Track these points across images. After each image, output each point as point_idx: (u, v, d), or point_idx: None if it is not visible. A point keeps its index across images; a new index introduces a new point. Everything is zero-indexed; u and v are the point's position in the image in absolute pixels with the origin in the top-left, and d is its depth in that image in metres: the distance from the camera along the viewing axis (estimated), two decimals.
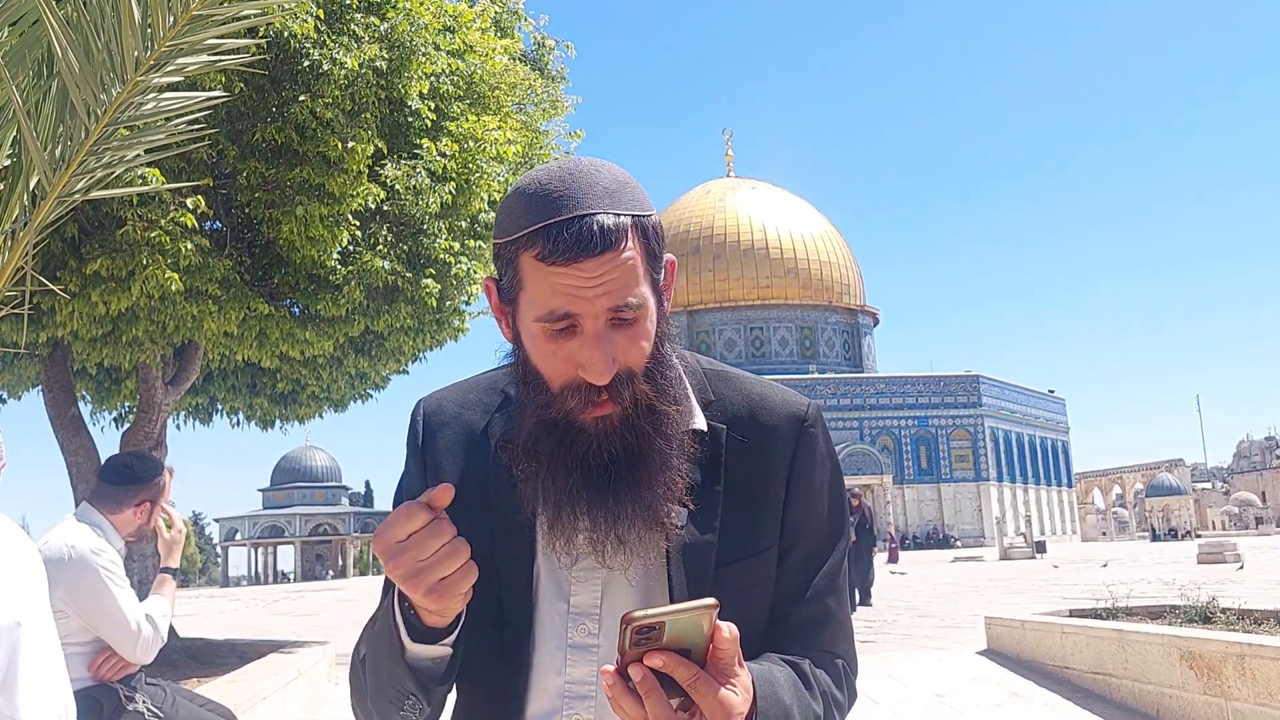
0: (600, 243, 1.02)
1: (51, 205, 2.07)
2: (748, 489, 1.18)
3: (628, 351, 1.07)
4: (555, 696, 1.15)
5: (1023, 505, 60.16)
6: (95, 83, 1.97)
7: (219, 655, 8.63)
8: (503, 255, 1.10)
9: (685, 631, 0.92)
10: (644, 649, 0.91)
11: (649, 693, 0.91)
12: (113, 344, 7.76)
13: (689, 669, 0.92)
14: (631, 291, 1.05)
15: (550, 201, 1.05)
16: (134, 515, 3.24)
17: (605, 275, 1.03)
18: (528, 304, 1.07)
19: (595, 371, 1.04)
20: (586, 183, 1.06)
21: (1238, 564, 20.65)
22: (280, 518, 70.51)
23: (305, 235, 7.25)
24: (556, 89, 10.49)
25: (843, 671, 1.21)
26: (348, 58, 6.84)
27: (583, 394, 1.07)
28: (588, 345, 1.05)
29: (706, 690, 0.92)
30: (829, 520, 1.23)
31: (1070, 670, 7.04)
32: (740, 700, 0.95)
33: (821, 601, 1.20)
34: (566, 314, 1.04)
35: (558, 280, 1.03)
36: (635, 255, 1.06)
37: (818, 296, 63.34)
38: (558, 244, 1.02)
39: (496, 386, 1.26)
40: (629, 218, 1.06)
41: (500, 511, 1.18)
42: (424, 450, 1.26)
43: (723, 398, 1.22)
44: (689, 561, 1.14)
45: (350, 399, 11.20)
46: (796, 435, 1.21)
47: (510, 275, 1.09)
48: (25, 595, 1.13)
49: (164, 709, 3.22)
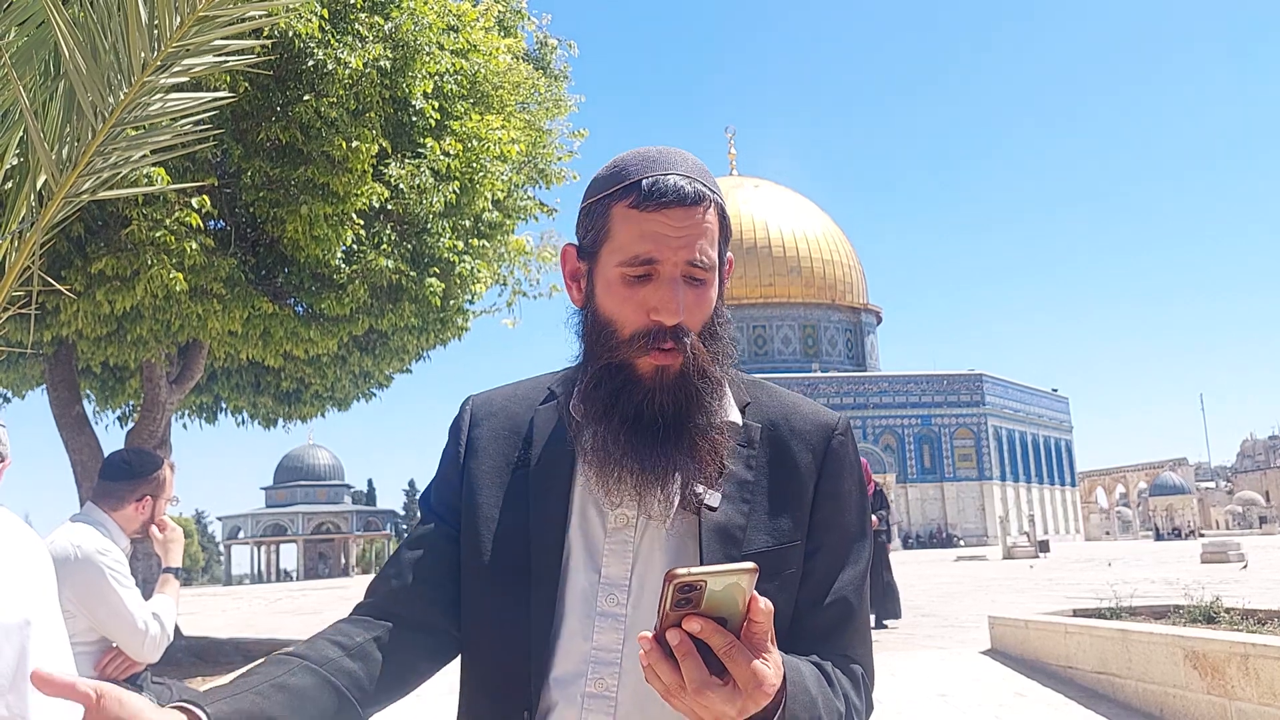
0: (690, 196, 1.15)
1: (58, 205, 2.08)
2: (779, 486, 1.23)
3: (693, 308, 1.17)
4: (580, 661, 1.17)
5: (1026, 504, 60.12)
6: (102, 83, 1.97)
7: (223, 654, 8.64)
8: (592, 212, 1.21)
9: (724, 599, 0.93)
10: (682, 612, 0.93)
11: (685, 656, 0.93)
12: (117, 343, 7.78)
13: (725, 636, 0.94)
14: (706, 250, 1.17)
15: (647, 163, 1.19)
16: (135, 511, 3.24)
17: (688, 228, 1.15)
18: (611, 251, 1.18)
19: (669, 311, 1.14)
20: (679, 157, 1.21)
21: (1240, 564, 20.63)
22: (283, 516, 70.60)
23: (309, 234, 7.27)
24: (559, 88, 10.49)
25: (860, 679, 1.22)
26: (352, 57, 6.85)
27: (651, 337, 1.15)
28: (663, 288, 1.15)
29: (741, 659, 0.94)
30: (853, 527, 1.27)
31: (1074, 670, 7.03)
32: (773, 673, 0.96)
33: (842, 606, 1.22)
34: (650, 259, 1.15)
35: (645, 225, 1.15)
36: (714, 224, 1.19)
37: (820, 295, 63.32)
38: (653, 191, 1.14)
39: (543, 385, 1.34)
40: (711, 193, 1.19)
41: (537, 486, 1.24)
42: (468, 436, 1.32)
43: (758, 401, 1.30)
44: (721, 543, 1.18)
45: (354, 397, 11.22)
46: (827, 442, 1.27)
47: (598, 228, 1.20)
48: (34, 593, 1.13)
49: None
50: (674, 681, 0.93)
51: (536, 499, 1.23)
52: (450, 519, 1.28)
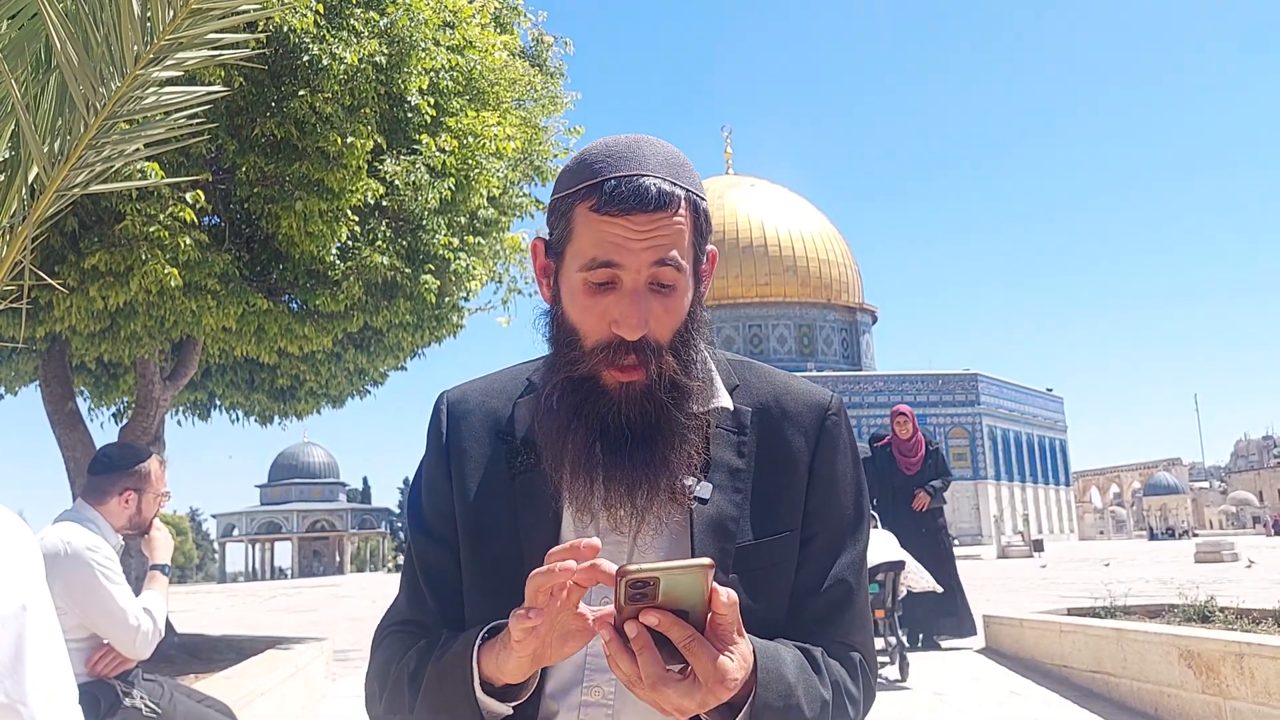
0: (655, 201, 1.07)
1: (50, 199, 2.06)
2: (771, 472, 1.19)
3: (660, 319, 1.10)
4: (576, 669, 1.15)
5: (1020, 504, 60.21)
6: (94, 76, 1.96)
7: (216, 651, 8.62)
8: (557, 209, 1.14)
9: (683, 592, 0.91)
10: (639, 605, 0.91)
11: (642, 649, 0.91)
12: (111, 339, 7.75)
13: (684, 629, 0.92)
14: (672, 256, 1.09)
15: (613, 159, 1.10)
16: (120, 505, 3.22)
17: (653, 233, 1.07)
18: (574, 254, 1.11)
19: (629, 325, 1.07)
20: (649, 150, 1.11)
21: (1241, 562, 20.68)
22: (278, 514, 70.53)
23: (304, 230, 7.24)
24: (556, 85, 10.46)
25: (859, 666, 1.19)
26: (347, 53, 6.83)
27: (612, 351, 1.10)
28: (625, 300, 1.08)
29: (701, 653, 0.92)
30: (850, 510, 1.23)
31: (1069, 669, 7.04)
32: (736, 667, 0.94)
33: (839, 591, 1.19)
34: (609, 262, 1.07)
35: (607, 229, 1.07)
36: (685, 225, 1.10)
37: (816, 294, 63.35)
38: (614, 196, 1.06)
39: (520, 376, 1.28)
40: (684, 190, 1.10)
41: (525, 487, 1.19)
42: (447, 439, 1.26)
43: (748, 383, 1.24)
44: (713, 536, 1.14)
45: (348, 395, 11.18)
46: (820, 423, 1.22)
47: (561, 228, 1.13)
48: (29, 580, 1.13)
49: (161, 705, 3.21)
50: (633, 673, 0.92)
51: (524, 506, 1.18)
52: (448, 531, 1.24)
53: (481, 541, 1.20)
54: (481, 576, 1.20)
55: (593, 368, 1.11)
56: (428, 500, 1.27)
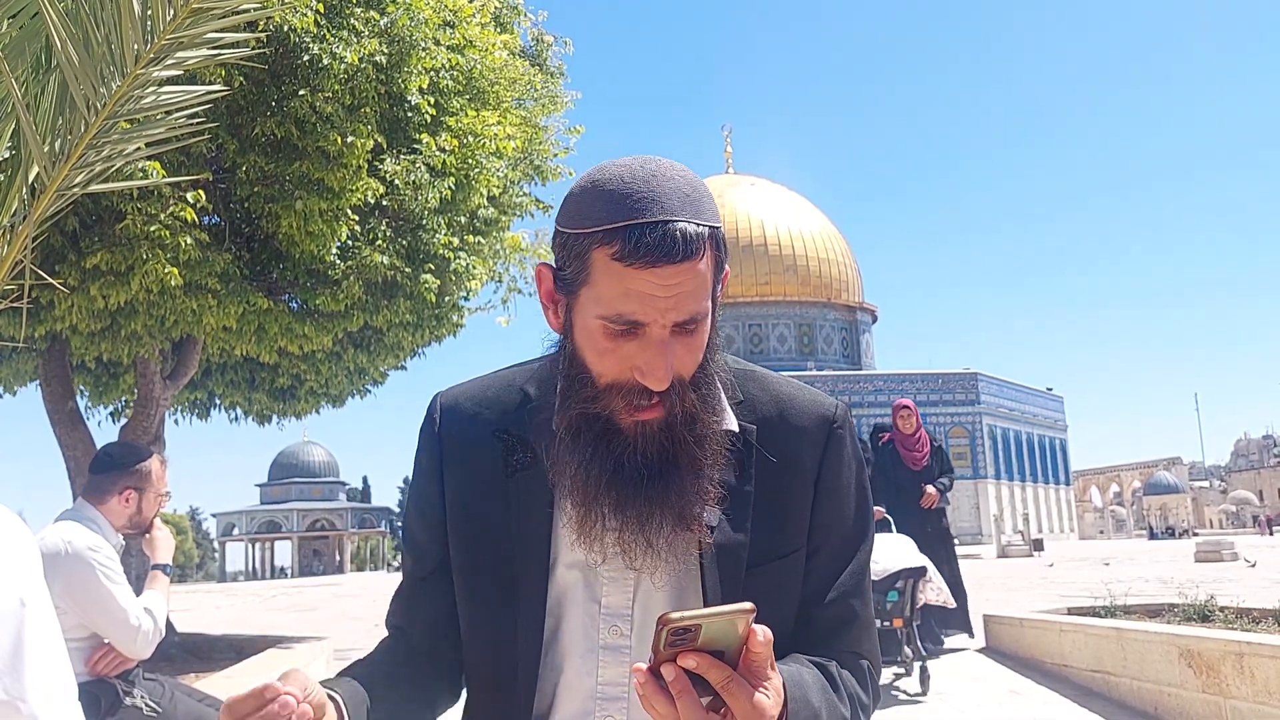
0: (683, 251, 1.01)
1: (51, 199, 2.06)
2: (777, 490, 1.17)
3: (683, 360, 1.07)
4: (587, 698, 1.14)
5: (1020, 503, 60.21)
6: (95, 76, 1.96)
7: (217, 650, 8.62)
8: (571, 247, 1.07)
9: (720, 634, 0.91)
10: (678, 649, 0.90)
11: (681, 693, 0.90)
12: (111, 338, 7.75)
13: (722, 670, 0.91)
14: (700, 305, 1.05)
15: (634, 201, 1.02)
16: (120, 504, 3.22)
17: (680, 285, 1.02)
18: (593, 300, 1.05)
19: (655, 378, 1.04)
20: (669, 186, 1.04)
21: (1241, 561, 20.67)
22: (278, 513, 70.59)
23: (304, 230, 7.24)
24: (556, 84, 10.46)
25: (867, 672, 1.20)
26: (347, 52, 6.83)
27: (632, 396, 1.06)
28: (650, 350, 1.04)
29: (739, 693, 0.92)
30: (854, 522, 1.23)
31: (1069, 668, 7.04)
32: (772, 704, 0.94)
33: (846, 603, 1.19)
34: (635, 320, 1.03)
35: (631, 284, 1.01)
36: (708, 267, 1.05)
37: (816, 294, 63.35)
38: (639, 246, 1.00)
39: (515, 384, 1.25)
40: (707, 229, 1.04)
41: (520, 486, 1.18)
42: (441, 447, 1.24)
43: (752, 398, 1.22)
44: (722, 562, 1.13)
45: (348, 394, 11.18)
46: (826, 436, 1.21)
47: (577, 268, 1.06)
48: (27, 577, 1.13)
49: (162, 704, 3.21)
50: (670, 716, 0.91)
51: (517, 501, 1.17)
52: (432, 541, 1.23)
53: (473, 543, 1.19)
54: (473, 577, 1.19)
55: (608, 407, 1.08)
56: (415, 508, 1.26)
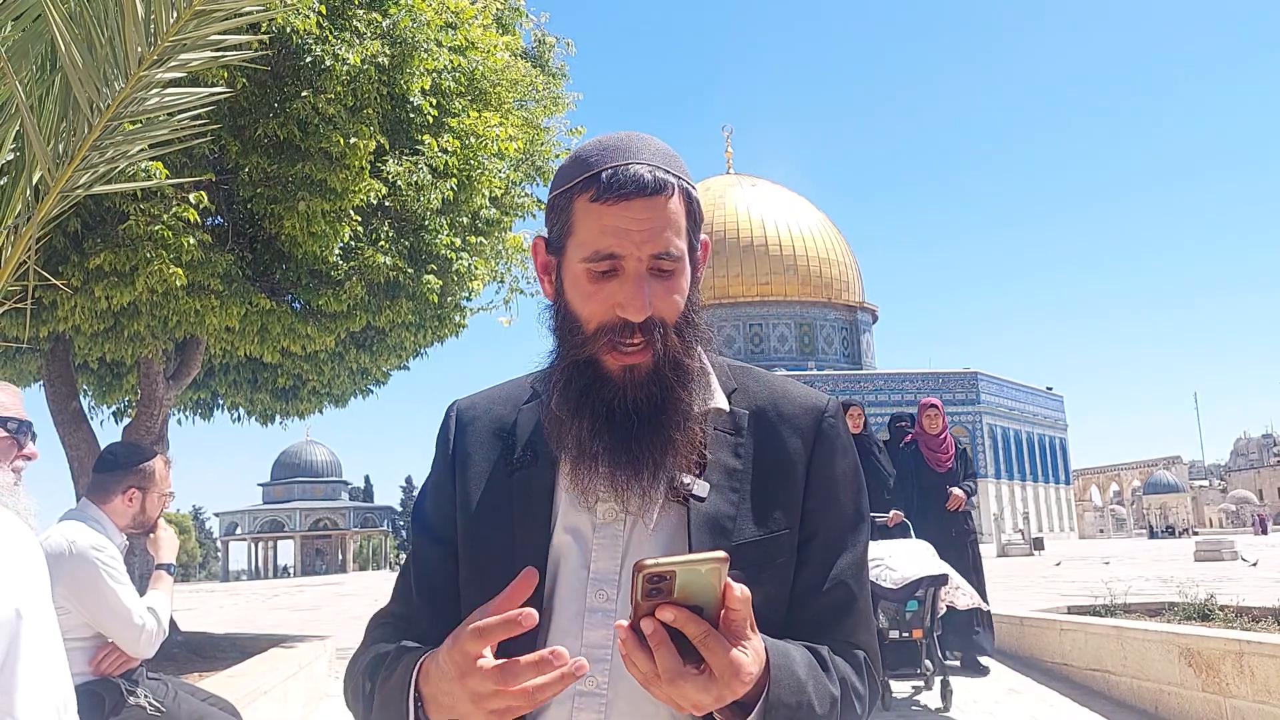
0: (651, 186, 1.11)
1: (54, 200, 2.07)
2: (768, 474, 1.21)
3: (663, 300, 1.14)
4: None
5: (1020, 502, 60.15)
6: (98, 78, 1.97)
7: (220, 650, 8.63)
8: (556, 205, 1.18)
9: (697, 588, 0.93)
10: (656, 601, 0.92)
11: (659, 645, 0.92)
12: (114, 338, 7.76)
13: (699, 625, 0.93)
14: (673, 241, 1.14)
15: (607, 152, 1.15)
16: (124, 504, 3.23)
17: (651, 219, 1.12)
18: (575, 247, 1.15)
19: (634, 308, 1.11)
20: (641, 143, 1.17)
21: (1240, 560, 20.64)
22: (280, 512, 70.63)
23: (307, 231, 7.25)
24: (557, 85, 10.47)
25: (864, 663, 1.21)
26: (350, 54, 6.84)
27: (616, 333, 1.13)
28: (628, 284, 1.12)
29: (717, 647, 0.94)
30: (849, 511, 1.25)
31: (1069, 667, 7.05)
32: (750, 661, 0.96)
33: (841, 591, 1.21)
34: (612, 254, 1.12)
35: (607, 220, 1.12)
36: (679, 211, 1.15)
37: (817, 293, 63.31)
38: (612, 184, 1.11)
39: (525, 384, 1.32)
40: (675, 177, 1.15)
41: (522, 482, 1.22)
42: (454, 445, 1.30)
43: (745, 387, 1.27)
44: (710, 533, 1.16)
45: (351, 394, 11.19)
46: (817, 426, 1.24)
47: (562, 223, 1.17)
48: (25, 586, 1.12)
49: (165, 703, 3.23)
50: (649, 670, 0.93)
51: (520, 499, 1.21)
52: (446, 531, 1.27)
53: (477, 536, 1.23)
54: (476, 570, 1.22)
55: (596, 351, 1.14)
56: (431, 502, 1.31)
